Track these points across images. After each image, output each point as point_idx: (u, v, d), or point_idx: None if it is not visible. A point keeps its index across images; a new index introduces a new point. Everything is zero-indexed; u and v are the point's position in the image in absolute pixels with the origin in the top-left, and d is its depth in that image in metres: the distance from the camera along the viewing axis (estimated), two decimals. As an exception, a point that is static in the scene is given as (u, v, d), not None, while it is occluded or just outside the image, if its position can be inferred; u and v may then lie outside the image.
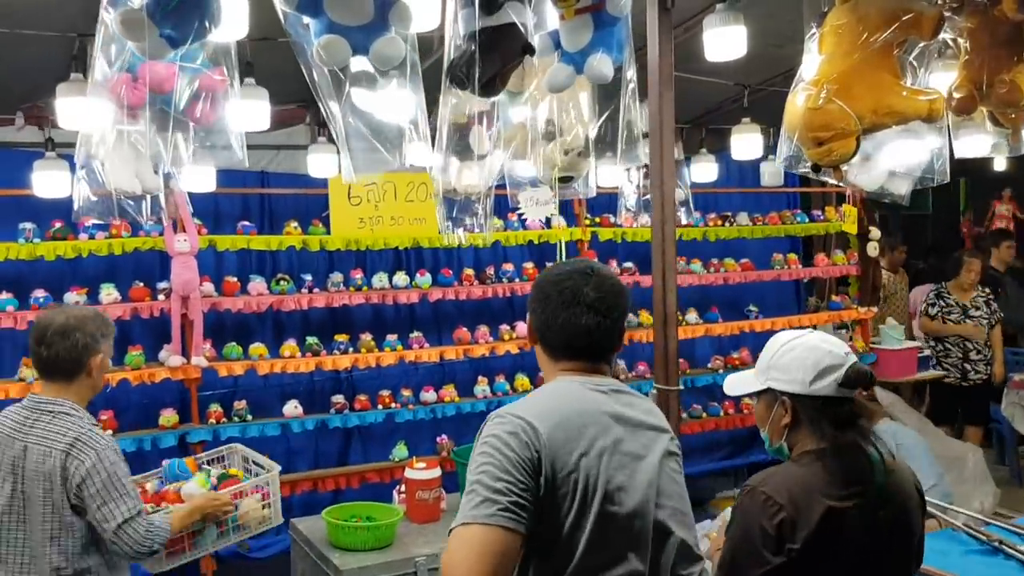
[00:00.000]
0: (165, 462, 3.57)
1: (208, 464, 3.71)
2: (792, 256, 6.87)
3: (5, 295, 4.58)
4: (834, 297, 7.04)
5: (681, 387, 2.96)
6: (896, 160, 3.48)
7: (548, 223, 5.77)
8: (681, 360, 6.36)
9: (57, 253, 4.66)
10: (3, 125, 5.11)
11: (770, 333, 6.44)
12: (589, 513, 1.79)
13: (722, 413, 6.48)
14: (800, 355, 2.09)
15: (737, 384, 2.30)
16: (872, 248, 6.85)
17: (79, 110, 3.19)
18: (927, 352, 6.78)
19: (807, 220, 6.91)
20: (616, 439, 1.87)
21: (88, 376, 2.77)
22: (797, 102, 3.02)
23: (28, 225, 4.64)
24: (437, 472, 3.88)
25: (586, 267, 2.01)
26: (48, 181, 4.21)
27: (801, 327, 6.33)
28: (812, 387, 2.07)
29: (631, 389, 2.05)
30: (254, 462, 3.70)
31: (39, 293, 4.64)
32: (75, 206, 2.87)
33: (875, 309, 6.96)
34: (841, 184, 3.28)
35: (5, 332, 4.71)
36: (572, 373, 1.97)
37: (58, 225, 4.70)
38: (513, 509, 1.69)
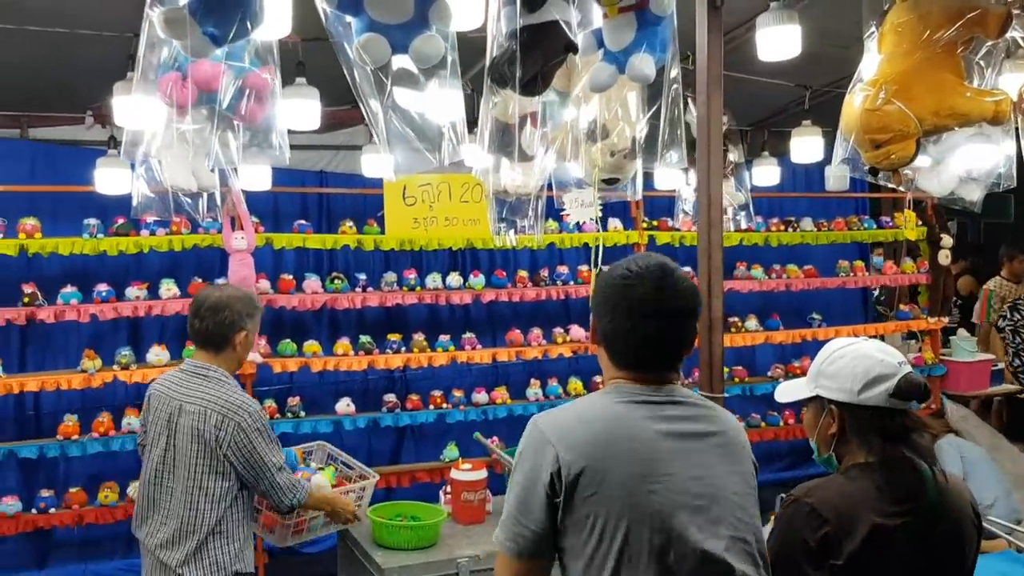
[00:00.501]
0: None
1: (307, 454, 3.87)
2: (859, 263, 6.67)
3: (70, 288, 4.72)
4: (903, 306, 6.80)
5: (726, 395, 2.88)
6: (967, 165, 3.35)
7: (604, 225, 5.72)
8: (740, 368, 6.27)
9: (120, 248, 4.80)
10: (72, 124, 5.29)
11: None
12: (614, 541, 1.70)
13: (782, 423, 6.33)
14: (850, 363, 2.00)
15: (787, 391, 2.21)
16: (944, 256, 6.60)
17: (136, 109, 3.25)
18: (1001, 365, 6.51)
19: (875, 226, 6.70)
20: (654, 459, 1.74)
21: (233, 350, 3.05)
22: (854, 103, 2.93)
23: (92, 221, 4.78)
24: (483, 474, 3.86)
25: (657, 268, 1.84)
26: (110, 178, 4.32)
27: (867, 336, 6.18)
28: (861, 397, 1.97)
29: (697, 398, 1.90)
30: (343, 463, 3.83)
31: (102, 287, 4.77)
32: (134, 202, 2.94)
33: (946, 319, 6.71)
34: (901, 188, 3.16)
35: (70, 324, 4.85)
36: (631, 382, 1.84)
37: (121, 221, 4.83)
38: (536, 541, 1.73)
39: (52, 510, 4.65)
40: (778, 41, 3.18)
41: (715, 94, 2.80)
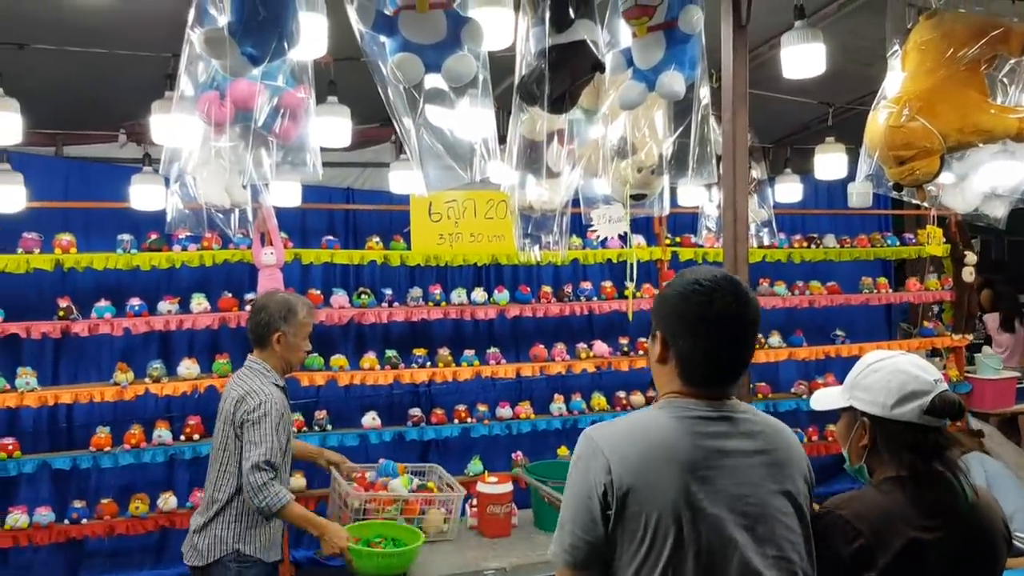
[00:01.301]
0: (382, 460, 3.98)
1: (412, 475, 3.94)
2: (882, 280, 6.66)
3: (104, 303, 4.82)
4: (926, 323, 6.78)
5: (761, 409, 2.89)
6: (992, 181, 3.35)
7: (626, 241, 5.75)
8: (763, 384, 6.26)
9: (152, 263, 4.89)
10: (106, 142, 5.40)
11: (857, 359, 6.26)
12: (662, 555, 1.70)
13: (806, 439, 6.30)
14: (884, 377, 2.00)
15: (823, 399, 2.20)
16: (968, 273, 6.58)
17: (173, 127, 3.34)
18: (1028, 383, 6.47)
19: (898, 243, 6.69)
20: (704, 476, 1.73)
21: (273, 348, 3.34)
22: (878, 120, 2.96)
23: (126, 237, 4.88)
24: (509, 487, 3.88)
25: (727, 281, 1.82)
26: (145, 194, 4.41)
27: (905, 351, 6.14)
28: (893, 411, 1.97)
29: (753, 413, 1.89)
30: (447, 484, 3.91)
31: (135, 301, 4.86)
32: (168, 218, 3.01)
33: (970, 336, 6.68)
34: (925, 205, 3.18)
35: (103, 338, 4.95)
36: (690, 398, 1.83)
37: (153, 237, 4.92)
38: (590, 551, 1.75)
39: (84, 521, 4.71)
40: (803, 59, 3.21)
41: (740, 111, 2.84)
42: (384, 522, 3.50)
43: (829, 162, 5.06)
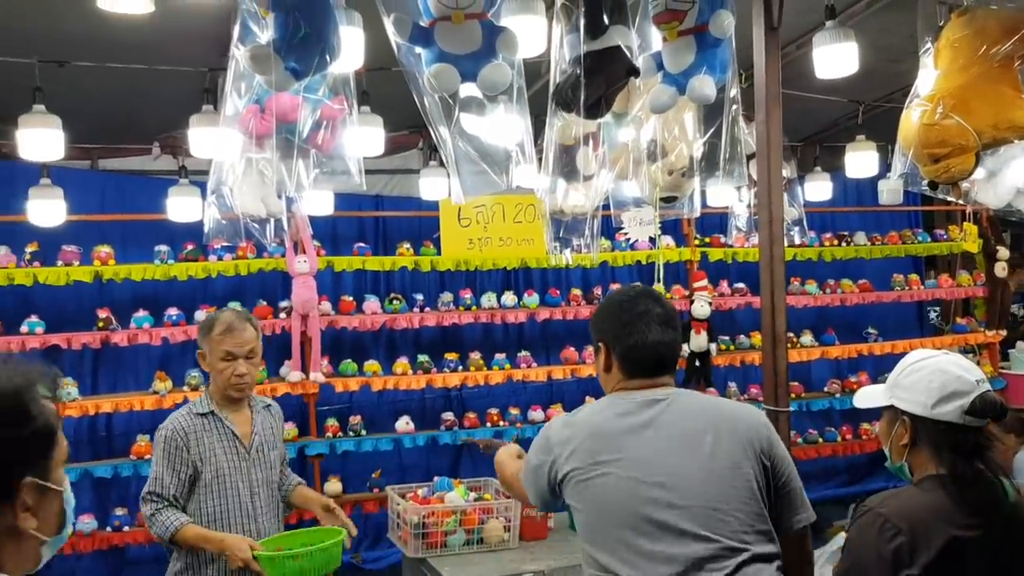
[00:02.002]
0: (436, 478, 3.96)
1: (469, 489, 3.95)
2: (913, 277, 6.63)
3: (142, 313, 4.91)
4: (959, 320, 6.73)
5: (792, 409, 2.90)
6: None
7: (654, 243, 5.76)
8: (795, 383, 6.24)
9: (189, 273, 4.98)
10: (140, 155, 5.49)
11: (890, 356, 6.25)
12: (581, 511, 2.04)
13: (839, 439, 6.28)
14: (926, 376, 2.00)
15: (865, 397, 2.21)
16: (1000, 268, 6.53)
17: (211, 139, 3.41)
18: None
19: (929, 239, 6.65)
20: (616, 446, 2.03)
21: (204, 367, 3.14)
22: (912, 118, 2.96)
23: (163, 248, 4.97)
24: (545, 490, 3.90)
25: (646, 291, 2.23)
26: (181, 206, 4.49)
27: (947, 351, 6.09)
28: (934, 411, 1.96)
29: (689, 398, 2.14)
30: (503, 494, 3.83)
31: (172, 311, 4.95)
32: (206, 229, 3.07)
33: (1004, 332, 6.62)
34: (960, 202, 3.17)
35: (141, 347, 5.03)
36: (626, 391, 2.14)
37: (190, 247, 5.01)
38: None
39: (126, 528, 4.80)
40: (835, 59, 3.22)
41: (774, 112, 2.85)
42: (309, 530, 3.12)
43: (860, 160, 5.04)
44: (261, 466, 3.02)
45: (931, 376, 1.99)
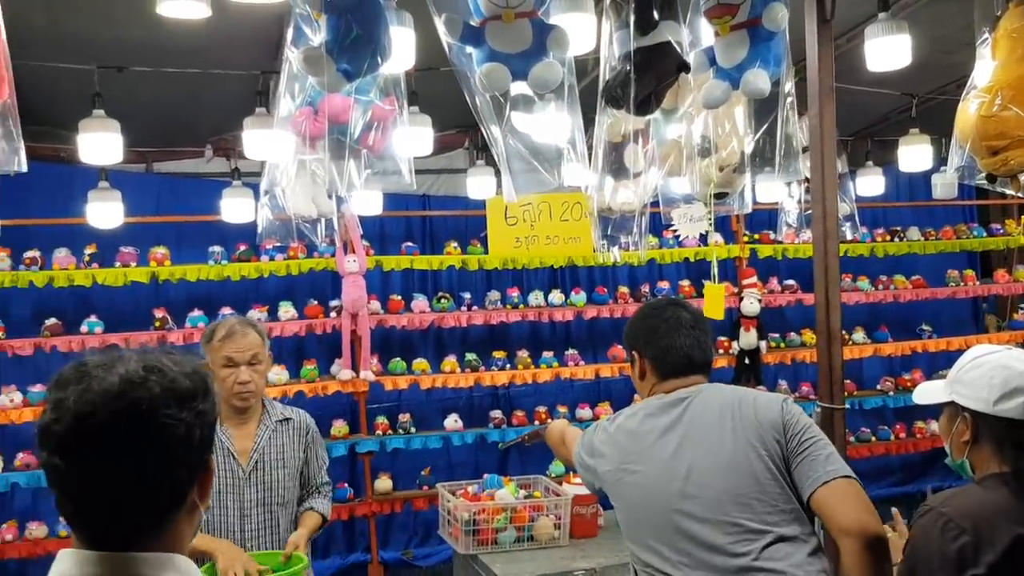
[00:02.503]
0: (486, 475, 3.99)
1: (519, 487, 3.97)
2: (968, 272, 6.48)
3: (197, 312, 5.01)
4: (1016, 315, 6.57)
5: (847, 406, 2.87)
6: (1085, 168, 3.25)
7: (704, 240, 5.72)
8: (848, 381, 6.14)
9: (242, 274, 5.07)
10: (193, 157, 5.60)
11: (944, 354, 6.12)
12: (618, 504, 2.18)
13: (892, 437, 6.17)
14: (988, 372, 1.96)
15: (925, 393, 2.17)
16: (1060, 262, 6.37)
17: (264, 141, 3.47)
18: None
19: (984, 234, 6.50)
20: (640, 447, 2.16)
21: None
22: (969, 110, 2.89)
23: (216, 248, 5.06)
24: (595, 487, 3.90)
25: (670, 300, 2.41)
26: (235, 207, 4.57)
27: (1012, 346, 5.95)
28: (996, 407, 1.92)
29: (711, 392, 2.21)
30: (553, 492, 3.91)
31: (226, 310, 5.03)
32: (259, 229, 3.12)
33: (1064, 329, 6.46)
34: (1020, 195, 3.10)
35: (195, 346, 5.10)
36: (659, 394, 2.24)
37: (243, 248, 5.09)
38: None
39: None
40: (888, 51, 3.16)
41: (827, 105, 2.81)
42: (264, 553, 2.72)
43: (914, 154, 4.96)
44: (257, 487, 2.76)
45: (993, 372, 1.95)
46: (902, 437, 6.19)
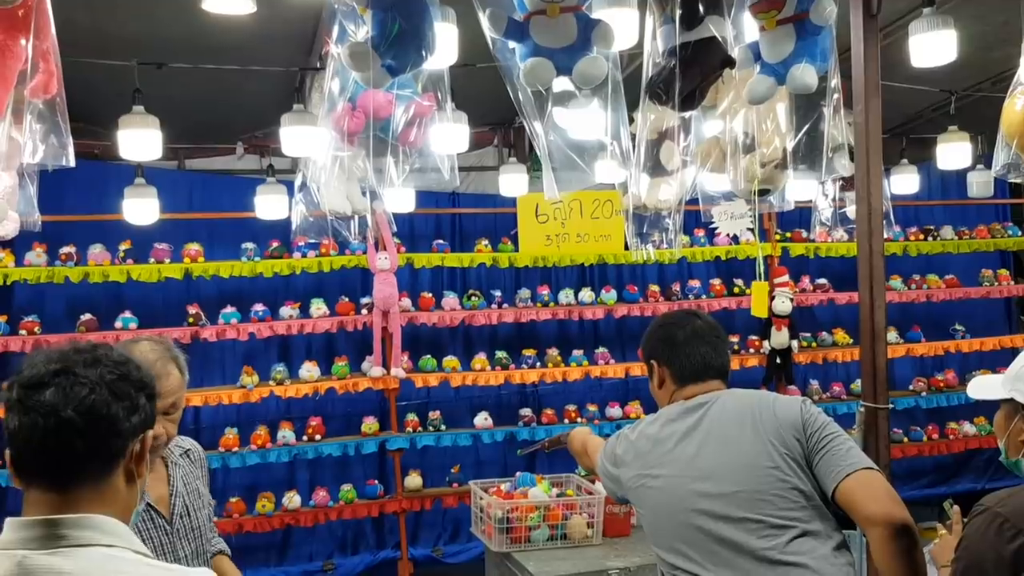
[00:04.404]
0: (519, 473, 4.02)
1: (552, 485, 3.98)
2: (1003, 272, 6.40)
3: (229, 308, 5.03)
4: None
5: (892, 405, 2.84)
6: None
7: (736, 239, 5.68)
8: (879, 381, 6.09)
9: (274, 270, 5.08)
10: (225, 155, 5.63)
11: (977, 354, 6.04)
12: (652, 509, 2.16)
13: (925, 438, 6.10)
14: None
15: (981, 387, 2.15)
16: (1098, 263, 6.27)
17: (301, 137, 3.47)
18: None
19: (1019, 233, 6.42)
20: (662, 452, 2.17)
21: None
22: (1016, 106, 2.85)
23: (249, 245, 5.08)
24: (628, 486, 3.88)
25: (685, 311, 2.42)
26: (268, 204, 4.58)
27: (1013, 348, 5.90)
28: None
29: (729, 398, 2.22)
30: (586, 490, 3.91)
31: (258, 307, 5.06)
32: (293, 226, 3.13)
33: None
34: (1068, 192, 3.05)
35: (227, 343, 5.16)
36: (682, 400, 2.25)
37: (275, 245, 5.11)
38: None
39: (214, 519, 4.89)
40: (933, 47, 3.12)
41: (873, 101, 2.78)
42: None
43: (953, 151, 4.89)
44: (189, 536, 2.37)
45: None
46: (935, 438, 6.12)
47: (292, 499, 5.02)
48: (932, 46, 3.11)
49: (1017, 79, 2.97)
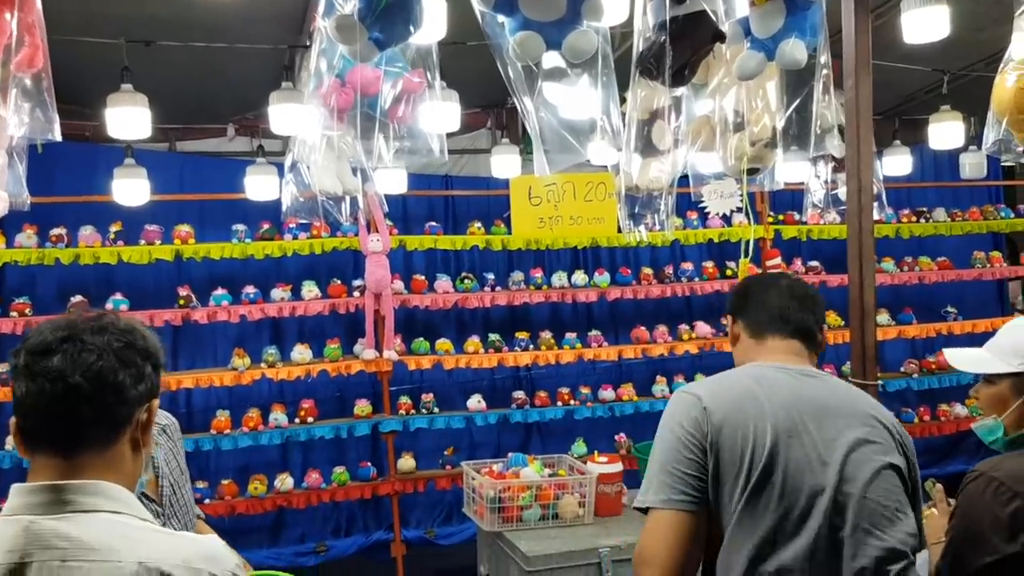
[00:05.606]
0: (511, 454, 4.01)
1: (544, 466, 3.99)
2: (995, 254, 6.42)
3: (220, 291, 5.02)
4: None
5: (880, 383, 2.84)
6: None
7: (728, 221, 5.68)
8: (871, 363, 6.10)
9: (265, 252, 5.06)
10: (215, 136, 5.60)
11: (970, 336, 6.06)
12: (751, 489, 1.80)
13: (916, 419, 6.13)
14: None
15: (972, 361, 2.16)
16: (1088, 245, 6.29)
17: (290, 116, 3.45)
18: None
19: (1012, 215, 6.42)
20: (794, 419, 1.85)
21: None
22: (1007, 83, 2.84)
23: (240, 227, 5.06)
24: (619, 467, 3.90)
25: (781, 273, 2.21)
26: (259, 185, 4.56)
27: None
28: None
29: (828, 375, 2.03)
30: (578, 470, 3.91)
31: (249, 289, 5.05)
32: (283, 207, 3.11)
33: (1092, 311, 6.39)
34: (1058, 169, 3.05)
35: (218, 325, 5.15)
36: (772, 356, 2.01)
37: (266, 226, 5.09)
38: (687, 492, 1.80)
39: (206, 500, 4.91)
40: (926, 22, 3.11)
41: (863, 78, 2.77)
42: (269, 572, 2.71)
43: (945, 131, 4.89)
44: (179, 514, 2.43)
45: None
46: (926, 420, 6.15)
47: (285, 481, 5.03)
48: (924, 22, 3.10)
49: (1008, 55, 2.96)
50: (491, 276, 5.52)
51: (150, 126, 3.69)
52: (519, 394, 5.55)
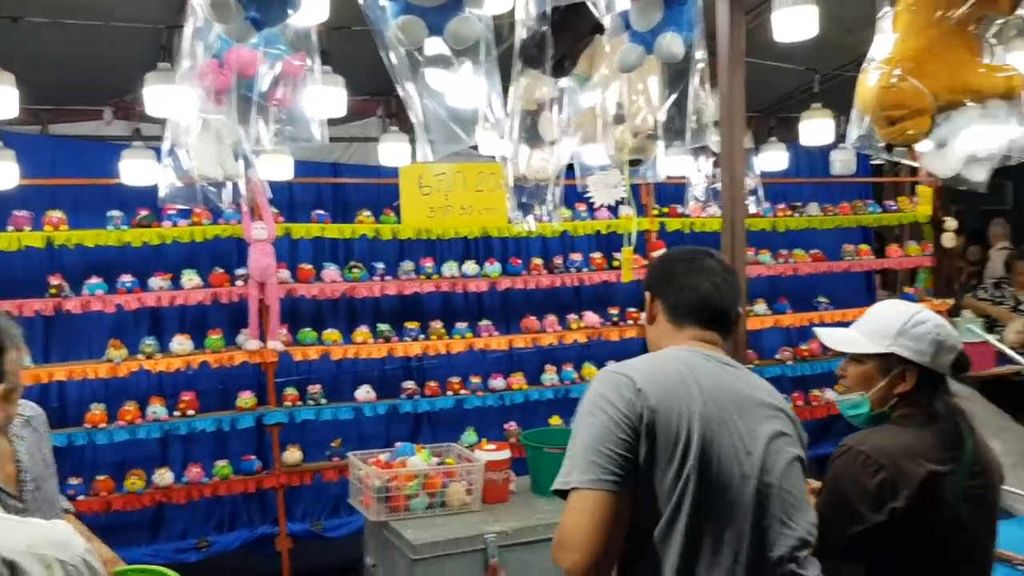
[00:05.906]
0: (398, 444, 3.98)
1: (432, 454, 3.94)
2: (864, 247, 6.77)
3: (95, 280, 4.81)
4: (906, 288, 6.90)
5: (756, 369, 2.96)
6: (974, 145, 3.41)
7: (615, 212, 5.80)
8: (749, 351, 6.34)
9: (143, 240, 4.88)
10: (92, 119, 5.36)
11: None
12: (684, 477, 1.79)
13: (791, 405, 6.37)
14: (932, 329, 2.12)
15: (842, 341, 2.26)
16: (948, 239, 6.70)
17: (167, 97, 3.34)
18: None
19: (879, 210, 6.79)
20: (721, 407, 1.86)
21: None
22: (869, 81, 2.99)
23: (116, 213, 4.86)
24: (507, 454, 3.94)
25: (704, 249, 2.15)
26: (135, 170, 4.39)
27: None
28: (935, 363, 2.11)
29: (741, 365, 2.05)
30: (465, 458, 3.88)
31: (126, 278, 4.86)
32: (160, 193, 3.01)
33: (950, 301, 6.81)
34: (916, 164, 3.24)
35: (93, 316, 4.94)
36: (690, 344, 2.00)
37: (144, 213, 4.91)
38: (616, 472, 1.76)
39: (80, 497, 4.72)
40: (795, 21, 3.24)
41: (737, 73, 2.88)
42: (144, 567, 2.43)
43: (815, 127, 5.11)
44: (43, 509, 2.30)
45: (935, 330, 2.13)
46: (799, 405, 6.44)
47: (164, 476, 4.87)
48: (794, 21, 3.23)
49: (870, 56, 3.13)
50: (381, 265, 5.48)
51: (17, 106, 3.50)
52: (409, 384, 5.53)
